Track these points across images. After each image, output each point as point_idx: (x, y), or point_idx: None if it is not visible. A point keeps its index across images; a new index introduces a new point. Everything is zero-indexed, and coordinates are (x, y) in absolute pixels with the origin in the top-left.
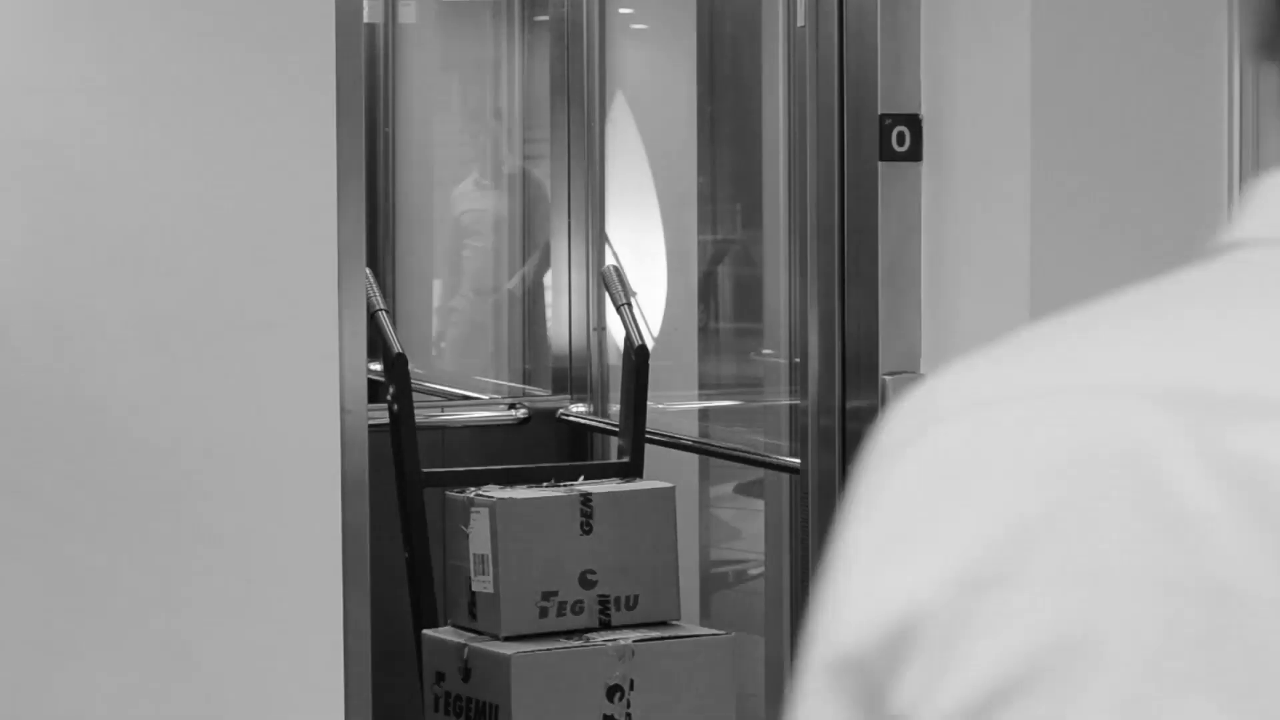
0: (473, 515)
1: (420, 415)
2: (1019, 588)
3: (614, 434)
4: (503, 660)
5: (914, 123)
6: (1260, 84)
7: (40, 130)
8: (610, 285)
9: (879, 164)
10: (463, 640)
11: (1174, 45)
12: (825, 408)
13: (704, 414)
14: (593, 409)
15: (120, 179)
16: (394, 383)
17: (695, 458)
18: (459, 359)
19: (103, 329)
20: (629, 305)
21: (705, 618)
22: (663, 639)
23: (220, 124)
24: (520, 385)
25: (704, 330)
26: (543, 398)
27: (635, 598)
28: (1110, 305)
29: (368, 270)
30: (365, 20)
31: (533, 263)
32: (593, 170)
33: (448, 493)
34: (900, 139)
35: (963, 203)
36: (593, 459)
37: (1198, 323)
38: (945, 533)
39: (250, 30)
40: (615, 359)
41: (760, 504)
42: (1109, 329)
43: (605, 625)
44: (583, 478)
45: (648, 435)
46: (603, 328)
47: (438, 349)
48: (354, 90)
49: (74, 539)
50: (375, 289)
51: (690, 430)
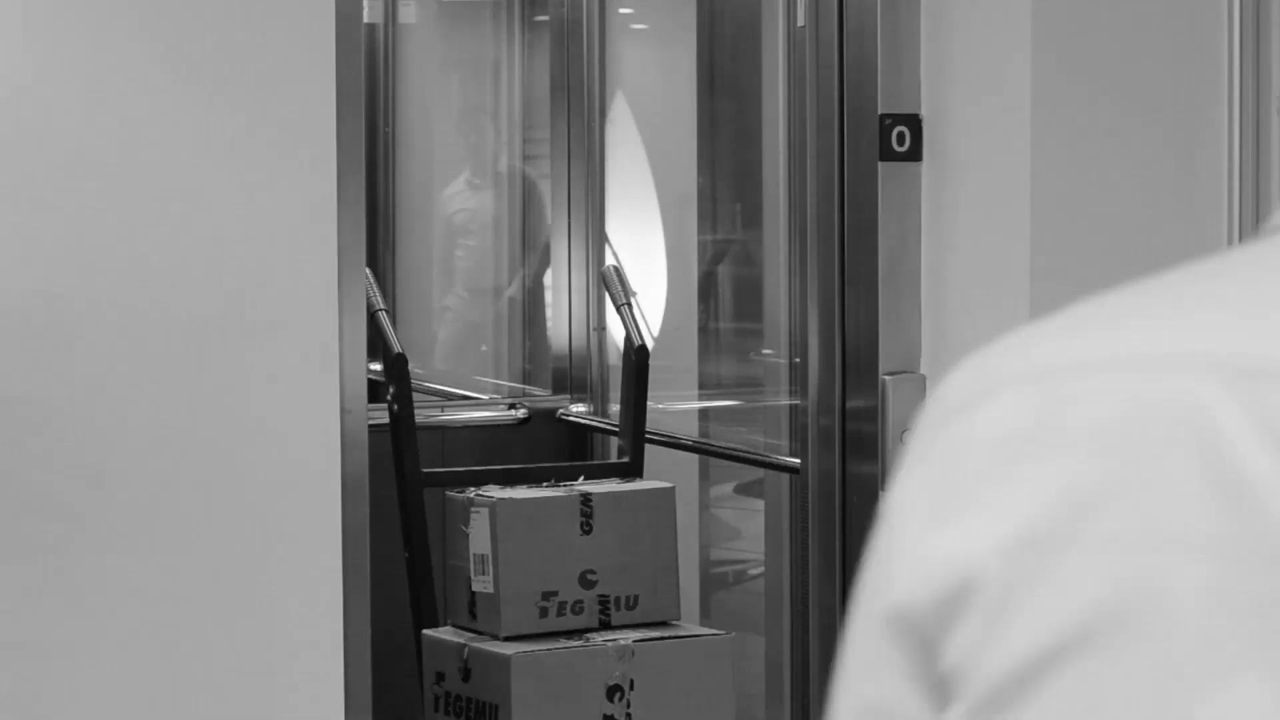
0: (473, 515)
1: (420, 415)
2: (1077, 550)
3: (614, 434)
4: (503, 660)
5: (914, 123)
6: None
7: (39, 130)
8: (610, 285)
9: (879, 164)
10: (463, 640)
11: (1174, 45)
12: (825, 408)
13: (704, 414)
14: (593, 409)
15: (120, 179)
16: (394, 383)
17: (695, 458)
18: (452, 358)
19: (102, 329)
20: (629, 305)
21: (705, 618)
22: (663, 639)
23: (220, 124)
24: (520, 385)
25: (704, 330)
26: (543, 398)
27: (635, 598)
28: (1163, 280)
29: (368, 270)
30: (365, 20)
31: (532, 267)
32: (593, 170)
33: (448, 493)
34: (900, 139)
35: (963, 203)
36: (593, 459)
37: (1251, 297)
38: (1004, 496)
39: (250, 30)
40: (615, 359)
41: (760, 504)
42: (1164, 302)
43: (605, 625)
44: (583, 478)
45: (648, 435)
46: (603, 328)
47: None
48: (354, 90)
49: (73, 538)
50: (375, 289)
51: (690, 430)
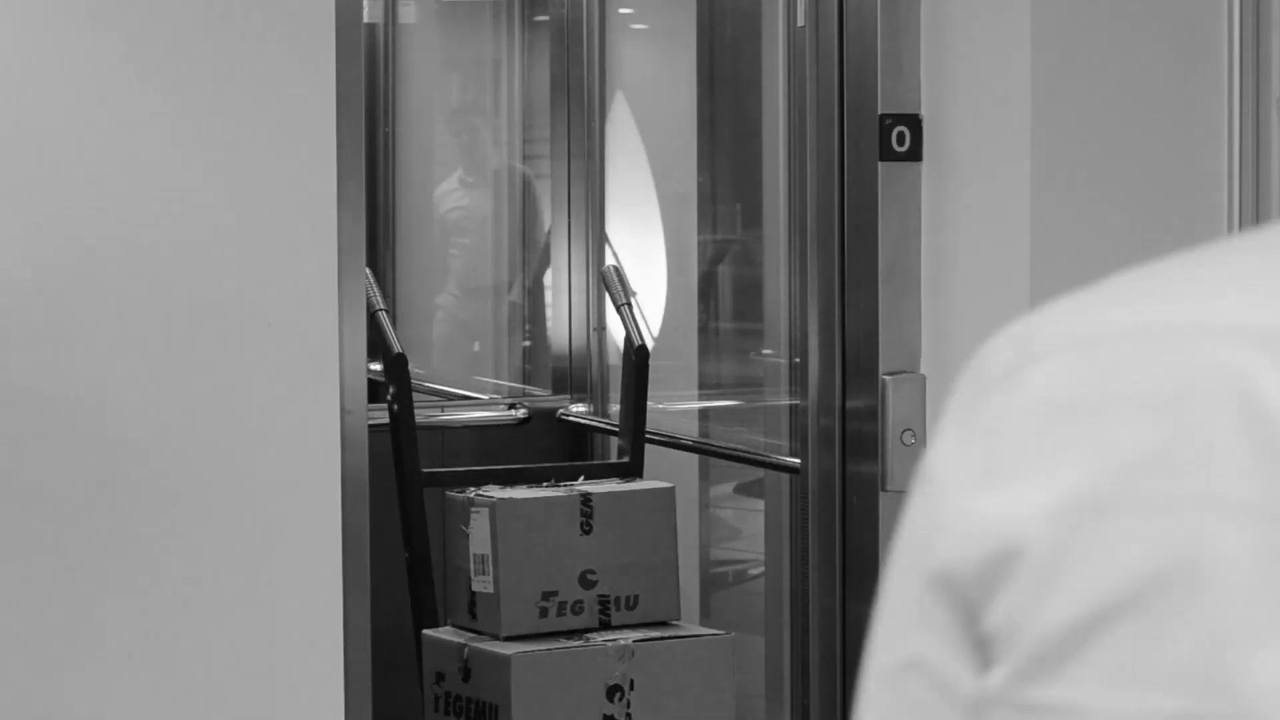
0: (473, 515)
1: (420, 415)
2: (1126, 514)
3: (614, 434)
4: (503, 660)
5: (914, 123)
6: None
7: (38, 131)
8: (610, 285)
9: (879, 164)
10: (463, 640)
11: (1174, 45)
12: (825, 408)
13: (704, 414)
14: (593, 409)
15: (119, 179)
16: (394, 383)
17: (695, 458)
18: (445, 357)
19: (103, 329)
20: (629, 305)
21: (705, 618)
22: (663, 639)
23: (220, 124)
24: (520, 385)
25: (704, 330)
26: (543, 398)
27: (635, 598)
28: (1195, 255)
29: (368, 270)
30: (365, 20)
31: (532, 267)
32: (593, 170)
33: (448, 493)
34: (900, 139)
35: (963, 203)
36: (593, 459)
37: None
38: (1053, 461)
39: (250, 30)
40: (615, 359)
41: (760, 504)
42: (1202, 272)
43: (605, 625)
44: (583, 478)
45: (648, 435)
46: (603, 328)
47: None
48: (354, 90)
49: (73, 539)
50: (375, 289)
51: (690, 430)
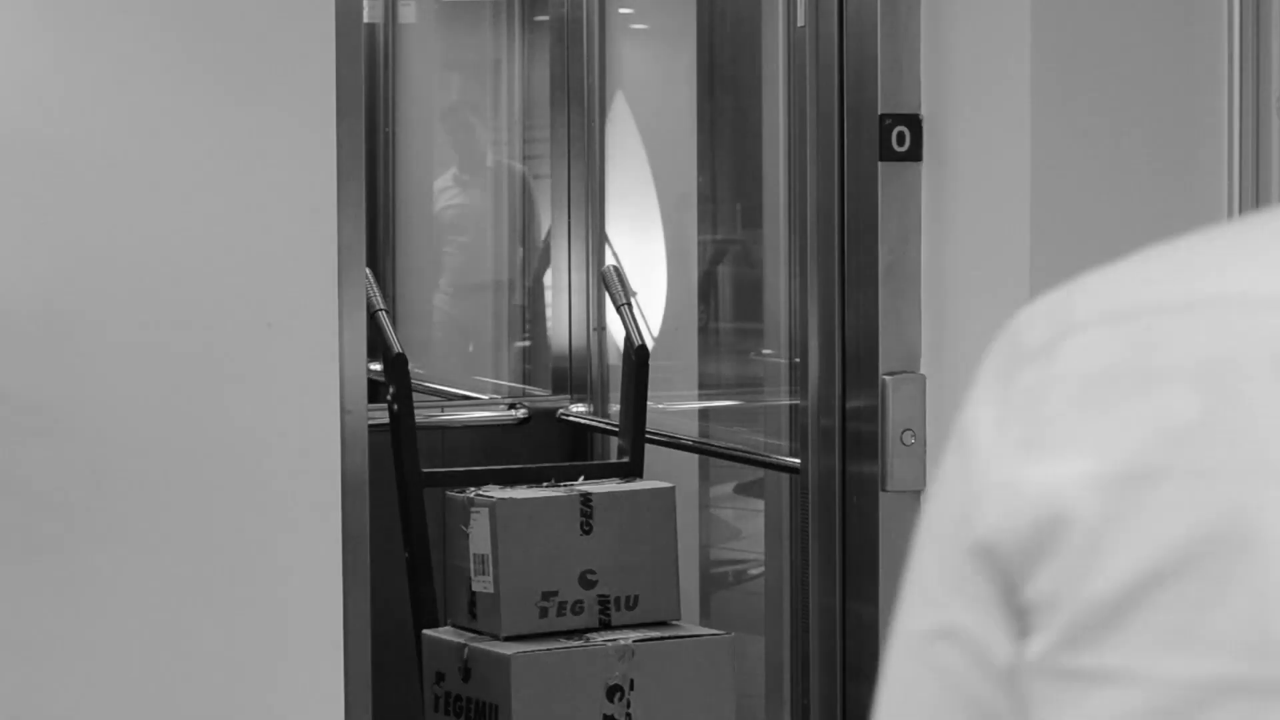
0: (473, 515)
1: (420, 415)
2: (1173, 481)
3: (614, 434)
4: (503, 660)
5: (914, 123)
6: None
7: (38, 130)
8: (610, 285)
9: (879, 164)
10: (463, 640)
11: (1174, 45)
12: (825, 408)
13: (704, 414)
14: (593, 409)
15: (119, 179)
16: (394, 383)
17: (695, 458)
18: (438, 355)
19: (103, 329)
20: (629, 305)
21: (705, 618)
22: (663, 639)
23: (219, 124)
24: (520, 385)
25: (704, 330)
26: (543, 398)
27: (635, 598)
28: (1226, 228)
29: (368, 270)
30: (365, 20)
31: (531, 267)
32: (593, 170)
33: (448, 493)
34: (900, 139)
35: (963, 203)
36: (593, 459)
37: None
38: (1097, 433)
39: (250, 30)
40: (615, 359)
41: (760, 504)
42: (1234, 245)
43: (605, 625)
44: (583, 478)
45: (648, 435)
46: (603, 328)
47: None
48: (354, 90)
49: (73, 538)
50: (375, 289)
51: (690, 430)
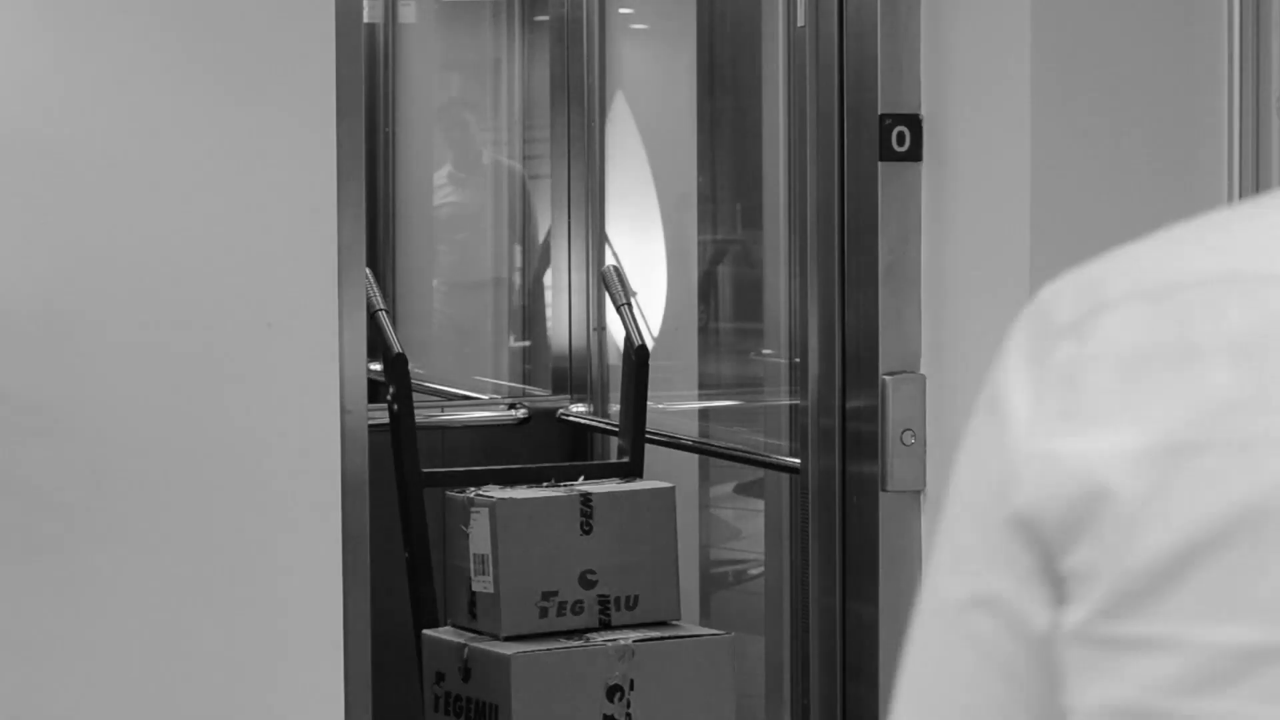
0: (473, 515)
1: (420, 415)
2: (1214, 454)
3: (614, 434)
4: (503, 660)
5: (914, 123)
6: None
7: (38, 130)
8: (610, 285)
9: (879, 164)
10: (463, 640)
11: (1174, 45)
12: (825, 408)
13: (704, 414)
14: (593, 409)
15: (120, 179)
16: (394, 383)
17: (695, 458)
18: (446, 356)
19: (103, 329)
20: (629, 305)
21: (705, 618)
22: (663, 639)
23: (220, 124)
24: (520, 385)
25: (704, 330)
26: (543, 398)
27: (635, 598)
28: (1246, 207)
29: (368, 270)
30: (365, 20)
31: (531, 267)
32: (593, 170)
33: (448, 493)
34: (900, 139)
35: (963, 203)
36: (593, 459)
37: None
38: (1136, 407)
39: (250, 30)
40: (615, 359)
41: (760, 504)
42: (1259, 224)
43: (605, 625)
44: (583, 478)
45: (648, 435)
46: (603, 328)
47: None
48: (354, 90)
49: (73, 538)
50: (375, 289)
51: (690, 430)
